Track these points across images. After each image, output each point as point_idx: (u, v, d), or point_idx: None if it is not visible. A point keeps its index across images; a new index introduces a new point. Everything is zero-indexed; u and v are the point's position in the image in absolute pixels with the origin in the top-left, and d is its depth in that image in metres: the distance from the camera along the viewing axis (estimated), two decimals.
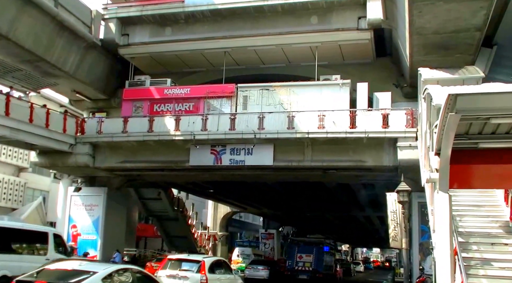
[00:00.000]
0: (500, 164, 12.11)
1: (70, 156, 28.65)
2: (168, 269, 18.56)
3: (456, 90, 10.26)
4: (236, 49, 28.82)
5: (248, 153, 26.90)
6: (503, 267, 12.56)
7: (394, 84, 27.76)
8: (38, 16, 24.39)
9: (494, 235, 14.14)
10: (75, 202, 31.80)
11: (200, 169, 29.35)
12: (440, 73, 21.09)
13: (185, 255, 20.34)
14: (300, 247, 42.28)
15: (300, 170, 28.27)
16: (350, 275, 57.49)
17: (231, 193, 45.30)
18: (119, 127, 28.26)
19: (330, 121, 25.42)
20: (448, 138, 10.81)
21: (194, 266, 18.44)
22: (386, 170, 26.30)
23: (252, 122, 26.43)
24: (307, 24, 26.84)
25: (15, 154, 39.31)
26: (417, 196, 24.46)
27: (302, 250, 41.48)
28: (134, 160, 29.12)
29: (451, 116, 10.05)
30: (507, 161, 12.00)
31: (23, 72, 27.39)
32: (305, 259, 40.14)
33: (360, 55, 28.04)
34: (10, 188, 38.62)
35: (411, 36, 20.57)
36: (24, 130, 25.28)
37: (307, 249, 41.49)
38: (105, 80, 30.73)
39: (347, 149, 25.97)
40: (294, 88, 27.85)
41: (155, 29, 29.09)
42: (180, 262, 19.11)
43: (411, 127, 24.18)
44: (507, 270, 12.41)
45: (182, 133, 27.12)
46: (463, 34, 20.03)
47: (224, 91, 28.65)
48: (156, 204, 38.41)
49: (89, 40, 27.95)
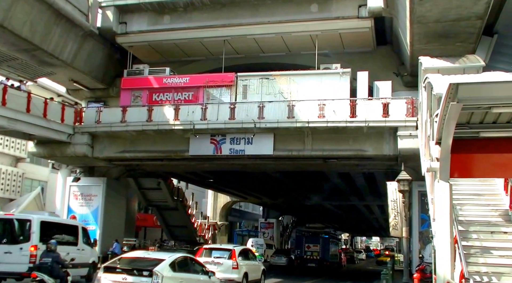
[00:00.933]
0: (501, 153, 12.18)
1: (69, 146, 28.57)
2: (203, 256, 21.36)
3: (457, 79, 10.23)
4: (236, 38, 28.66)
5: (248, 143, 26.85)
6: (502, 255, 12.61)
7: (395, 73, 27.72)
8: (34, 4, 24.21)
9: (494, 223, 14.19)
10: (74, 192, 31.86)
11: (199, 159, 29.28)
12: (440, 62, 21.14)
13: (218, 245, 24.88)
14: (307, 237, 45.42)
15: (300, 159, 28.21)
16: (353, 263, 61.80)
17: (231, 183, 45.33)
18: (117, 116, 28.16)
19: (330, 110, 25.36)
20: (449, 127, 10.81)
21: (226, 253, 21.74)
22: (386, 159, 26.34)
23: (252, 111, 26.36)
24: (307, 12, 26.67)
25: (13, 144, 39.18)
26: (417, 185, 24.50)
27: (310, 240, 44.62)
28: (133, 150, 29.06)
29: (452, 106, 10.02)
30: (508, 150, 12.08)
31: (19, 61, 27.21)
32: (312, 248, 43.58)
33: (361, 43, 27.90)
34: (8, 179, 38.53)
35: (412, 25, 20.53)
36: (22, 120, 25.18)
37: (314, 240, 44.64)
38: (103, 69, 30.59)
39: (347, 138, 25.93)
40: (294, 77, 27.76)
41: (153, 17, 28.88)
42: (212, 250, 22.38)
43: (411, 116, 24.16)
44: (507, 258, 12.47)
45: (182, 122, 27.03)
46: (464, 22, 20.01)
47: (223, 80, 28.49)
48: (155, 194, 38.36)
49: (86, 29, 27.78)
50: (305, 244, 44.20)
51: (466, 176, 14.28)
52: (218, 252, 22.04)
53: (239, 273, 21.25)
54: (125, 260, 14.63)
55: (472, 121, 11.72)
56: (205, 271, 16.53)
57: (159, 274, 13.35)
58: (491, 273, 11.92)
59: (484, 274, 11.94)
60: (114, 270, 13.98)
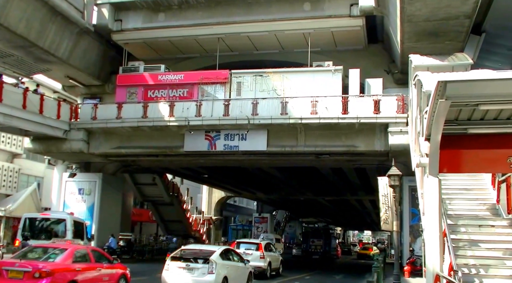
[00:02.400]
0: (488, 149, 12.20)
1: (65, 142, 28.84)
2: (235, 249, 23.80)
3: (446, 77, 10.33)
4: (230, 35, 28.96)
5: (242, 139, 27.23)
6: (490, 248, 12.84)
7: (386, 70, 28.12)
8: (30, 1, 24.35)
9: (482, 217, 14.43)
10: (70, 188, 32.05)
11: (194, 155, 29.61)
12: (430, 59, 21.33)
13: (247, 239, 30.38)
14: (312, 233, 56.15)
15: (293, 155, 28.60)
16: (350, 254, 68.27)
17: (225, 178, 45.62)
18: (113, 113, 28.43)
19: (322, 106, 25.75)
20: (438, 123, 10.95)
21: (254, 246, 25.96)
22: (377, 154, 26.74)
23: (246, 108, 26.70)
24: (300, 10, 26.99)
25: (9, 140, 39.16)
26: (407, 180, 24.87)
27: (314, 235, 54.40)
28: (128, 146, 29.35)
29: (441, 103, 10.16)
30: (495, 146, 12.08)
31: (15, 58, 27.30)
32: (316, 243, 52.25)
33: (352, 41, 28.31)
34: (4, 174, 38.53)
35: (402, 23, 20.88)
36: (18, 116, 25.44)
37: (318, 235, 54.52)
38: (99, 66, 30.80)
39: (339, 134, 26.35)
40: (287, 74, 28.09)
41: (148, 14, 29.09)
42: (242, 244, 26.86)
43: (402, 113, 24.58)
44: (494, 251, 12.71)
45: (177, 119, 27.35)
46: (452, 21, 20.42)
47: (218, 77, 28.83)
48: (151, 189, 38.63)
49: (82, 26, 27.95)
50: (310, 239, 52.80)
51: (455, 171, 14.23)
52: (247, 245, 26.37)
53: (265, 262, 25.30)
54: (186, 251, 18.54)
55: (460, 118, 11.75)
56: (242, 259, 20.22)
57: (213, 261, 17.08)
58: (479, 265, 12.13)
59: (472, 266, 12.13)
60: (179, 259, 17.70)
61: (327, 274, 31.98)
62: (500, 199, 14.78)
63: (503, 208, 14.51)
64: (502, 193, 14.59)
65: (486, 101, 10.51)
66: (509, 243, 13.01)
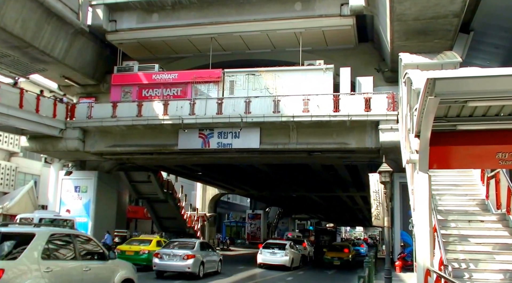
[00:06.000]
0: (477, 145, 12.27)
1: (61, 140, 29.08)
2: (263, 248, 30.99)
3: (434, 74, 10.43)
4: (222, 35, 29.26)
5: (235, 137, 27.53)
6: (479, 242, 13.02)
7: (376, 68, 28.43)
8: (26, 2, 24.55)
9: (471, 212, 14.64)
10: (66, 186, 32.34)
11: (188, 153, 29.92)
12: (419, 58, 21.60)
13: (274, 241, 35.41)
14: (322, 232, 67.73)
15: (285, 152, 28.94)
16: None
17: (219, 176, 45.92)
18: (108, 112, 28.66)
19: (314, 105, 26.08)
20: (428, 120, 11.09)
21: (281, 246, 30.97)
22: (368, 151, 27.15)
23: (239, 106, 27.00)
24: (291, 10, 27.30)
25: (6, 139, 39.47)
26: (398, 176, 25.26)
27: (323, 233, 64.89)
28: (123, 144, 29.62)
29: (430, 100, 10.26)
30: (484, 142, 12.18)
31: (11, 58, 27.51)
32: (325, 238, 59.37)
33: (343, 40, 28.63)
34: (2, 173, 38.80)
35: (392, 23, 21.19)
36: (14, 115, 25.63)
37: (326, 233, 65.65)
38: (94, 65, 31.04)
39: (331, 132, 26.70)
40: (279, 73, 28.48)
41: (142, 15, 29.36)
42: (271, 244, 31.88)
43: (392, 111, 24.92)
44: (483, 245, 12.89)
45: (171, 117, 27.63)
46: (441, 20, 20.72)
47: (211, 76, 29.14)
48: (146, 187, 38.88)
49: (77, 26, 28.14)
50: (321, 235, 62.02)
51: (445, 167, 14.27)
52: (275, 245, 31.23)
53: (289, 259, 29.70)
54: (272, 241, 33.10)
55: (449, 115, 11.84)
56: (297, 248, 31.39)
57: (287, 249, 29.54)
58: (469, 260, 12.27)
59: (462, 261, 12.28)
60: (267, 247, 30.34)
61: (319, 270, 32.37)
62: (489, 195, 14.99)
63: (492, 204, 14.70)
64: (491, 189, 14.78)
65: (474, 98, 10.59)
66: (498, 238, 13.21)
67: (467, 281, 11.73)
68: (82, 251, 11.36)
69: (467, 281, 11.74)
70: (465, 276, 11.87)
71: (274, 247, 30.41)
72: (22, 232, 10.56)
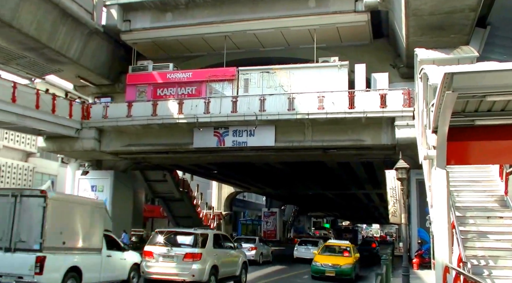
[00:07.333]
0: (496, 140, 12.25)
1: (77, 140, 29.23)
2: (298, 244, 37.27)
3: (452, 69, 10.33)
4: (236, 33, 29.25)
5: (250, 135, 27.49)
6: (498, 239, 12.85)
7: (391, 64, 28.29)
8: (41, 4, 24.77)
9: (490, 209, 14.42)
10: (83, 185, 32.56)
11: (203, 151, 29.92)
12: (435, 53, 21.38)
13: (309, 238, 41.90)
14: (344, 230, 77.19)
15: (301, 150, 28.91)
16: None
17: (234, 174, 45.96)
18: (123, 111, 28.75)
19: (329, 102, 25.94)
20: (445, 116, 11.02)
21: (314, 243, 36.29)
22: (384, 148, 26.96)
23: (254, 104, 26.94)
24: (305, 7, 27.23)
25: (23, 139, 39.95)
26: (415, 173, 25.13)
27: (345, 231, 73.07)
28: (139, 144, 29.71)
29: (447, 95, 10.21)
30: (502, 137, 12.14)
31: (28, 59, 27.84)
32: (348, 236, 62.45)
33: (358, 37, 28.52)
34: (20, 173, 39.31)
35: (407, 18, 21.00)
36: (31, 116, 25.81)
37: (348, 231, 75.12)
38: (109, 65, 31.23)
39: (346, 129, 26.55)
40: (294, 70, 28.36)
41: (156, 14, 29.44)
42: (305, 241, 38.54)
43: (408, 107, 24.72)
44: (502, 242, 12.72)
45: (185, 116, 27.64)
46: (458, 14, 20.51)
47: (225, 74, 29.11)
48: (161, 186, 39.08)
49: (92, 27, 28.31)
50: (343, 233, 68.00)
51: (462, 163, 14.27)
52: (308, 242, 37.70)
53: None
54: (305, 239, 39.70)
55: (467, 110, 11.76)
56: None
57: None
58: (488, 257, 12.11)
59: (481, 257, 12.11)
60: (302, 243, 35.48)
61: None
62: (508, 191, 14.73)
63: (511, 199, 14.49)
64: (510, 185, 14.56)
65: (493, 92, 10.49)
66: None
67: (486, 278, 11.55)
68: (226, 243, 19.78)
69: (487, 278, 11.56)
70: (484, 273, 11.71)
71: (308, 244, 36.73)
72: (204, 233, 17.94)
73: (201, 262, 16.55)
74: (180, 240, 17.31)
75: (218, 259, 17.71)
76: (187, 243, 17.05)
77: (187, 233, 17.63)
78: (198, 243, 16.94)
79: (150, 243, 17.71)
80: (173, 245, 16.96)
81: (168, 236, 17.44)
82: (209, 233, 18.50)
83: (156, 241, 17.44)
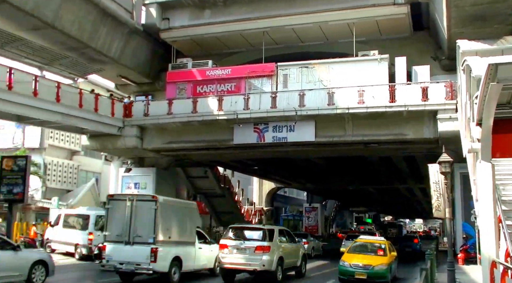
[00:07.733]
0: None
1: (119, 138, 29.73)
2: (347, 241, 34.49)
3: (496, 59, 10.22)
4: (274, 29, 29.21)
5: (290, 130, 27.43)
6: None
7: (432, 57, 27.83)
8: (82, 4, 25.35)
9: None
10: (126, 182, 33.00)
11: (243, 147, 29.99)
12: (478, 44, 20.89)
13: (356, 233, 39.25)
14: (389, 225, 79.32)
15: (341, 145, 28.66)
16: None
17: (274, 170, 45.96)
18: (164, 109, 29.09)
19: (369, 96, 25.72)
20: (490, 108, 10.87)
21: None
22: (426, 142, 26.55)
23: (293, 100, 26.90)
24: (343, 1, 27.02)
25: (68, 138, 41.07)
26: (458, 167, 24.59)
27: (390, 226, 77.02)
28: (179, 141, 30.02)
29: (492, 86, 10.07)
30: None
31: (70, 59, 28.60)
32: (393, 231, 69.96)
33: (397, 29, 28.15)
34: (65, 171, 40.51)
35: (449, 9, 20.70)
36: (75, 115, 26.41)
37: (393, 226, 78.91)
38: (149, 64, 31.65)
39: (387, 123, 26.30)
40: (333, 65, 28.20)
41: (194, 12, 29.63)
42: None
43: (450, 99, 24.32)
44: None
45: (225, 112, 27.80)
46: (500, 4, 20.13)
47: (264, 70, 29.15)
48: (203, 182, 39.38)
49: (131, 26, 28.75)
50: (388, 228, 71.93)
51: (508, 156, 13.96)
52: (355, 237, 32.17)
53: None
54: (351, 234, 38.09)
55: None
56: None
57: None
58: None
59: None
60: (349, 238, 33.30)
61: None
62: None
63: None
64: None
65: None
66: None
67: None
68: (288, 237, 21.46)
69: None
70: None
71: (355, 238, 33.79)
72: (271, 228, 20.06)
73: (269, 253, 18.59)
74: (251, 235, 19.51)
75: (283, 251, 19.79)
76: (257, 237, 19.14)
77: (257, 229, 20.28)
78: (266, 237, 18.98)
79: (224, 237, 20.06)
80: (245, 239, 19.15)
81: (240, 231, 19.89)
82: (275, 228, 20.83)
83: (229, 236, 19.73)
